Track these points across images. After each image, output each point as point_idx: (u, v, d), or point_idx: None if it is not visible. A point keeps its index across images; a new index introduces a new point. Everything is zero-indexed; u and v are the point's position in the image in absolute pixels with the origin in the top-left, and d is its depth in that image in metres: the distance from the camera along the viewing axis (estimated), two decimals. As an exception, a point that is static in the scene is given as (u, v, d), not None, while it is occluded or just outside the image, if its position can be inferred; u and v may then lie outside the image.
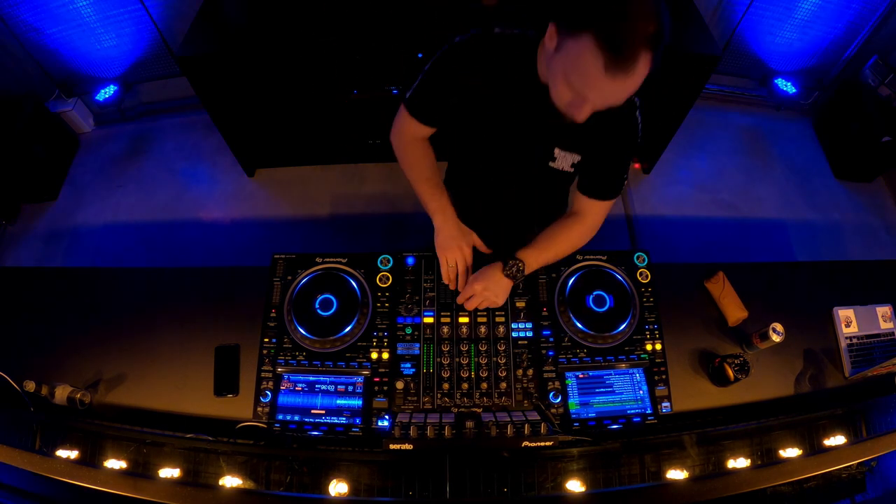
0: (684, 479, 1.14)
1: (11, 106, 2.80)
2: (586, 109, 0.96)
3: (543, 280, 1.41)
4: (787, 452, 1.25)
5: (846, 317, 1.55)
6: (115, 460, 1.19)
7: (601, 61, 0.84)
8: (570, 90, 0.94)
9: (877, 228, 3.02)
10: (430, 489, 1.14)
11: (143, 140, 3.25)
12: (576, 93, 0.93)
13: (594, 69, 0.85)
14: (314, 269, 1.40)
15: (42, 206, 3.00)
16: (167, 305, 1.53)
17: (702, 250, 2.81)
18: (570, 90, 0.94)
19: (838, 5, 2.84)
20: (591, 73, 0.87)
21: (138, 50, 3.02)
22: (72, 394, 1.31)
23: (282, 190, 3.03)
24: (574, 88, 0.93)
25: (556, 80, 0.96)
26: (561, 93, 0.96)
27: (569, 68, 0.91)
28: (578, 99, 0.94)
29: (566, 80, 0.93)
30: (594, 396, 1.28)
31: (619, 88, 0.89)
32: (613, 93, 0.90)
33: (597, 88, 0.90)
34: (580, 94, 0.93)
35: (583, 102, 0.94)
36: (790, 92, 3.12)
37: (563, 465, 1.22)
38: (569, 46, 0.89)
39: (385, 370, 1.29)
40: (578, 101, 0.95)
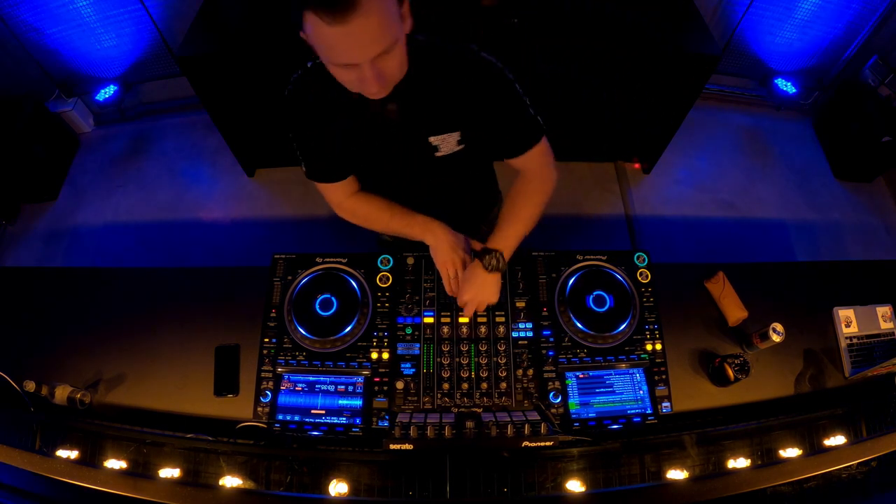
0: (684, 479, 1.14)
1: (11, 106, 2.80)
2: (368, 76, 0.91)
3: (543, 280, 1.41)
4: (787, 452, 1.25)
5: (846, 317, 1.55)
6: (115, 460, 1.19)
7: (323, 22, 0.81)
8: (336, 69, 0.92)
9: (877, 228, 3.02)
10: (430, 489, 1.14)
11: (143, 140, 3.25)
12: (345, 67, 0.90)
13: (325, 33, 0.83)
14: (314, 269, 1.40)
15: (42, 206, 3.01)
16: (167, 305, 1.53)
17: (702, 250, 2.81)
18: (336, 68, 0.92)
19: (838, 5, 2.84)
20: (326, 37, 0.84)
21: (138, 50, 3.02)
22: (72, 394, 1.31)
23: (282, 190, 3.03)
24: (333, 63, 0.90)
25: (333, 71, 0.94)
26: (341, 78, 0.94)
27: (320, 52, 0.89)
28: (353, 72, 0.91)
29: (333, 65, 0.91)
30: (594, 396, 1.28)
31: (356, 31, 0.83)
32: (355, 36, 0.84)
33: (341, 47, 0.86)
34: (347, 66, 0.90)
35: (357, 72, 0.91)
36: (790, 92, 3.13)
37: (563, 465, 1.22)
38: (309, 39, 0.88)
39: (385, 370, 1.29)
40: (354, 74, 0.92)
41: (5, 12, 2.63)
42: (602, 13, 2.39)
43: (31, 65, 2.88)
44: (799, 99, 3.24)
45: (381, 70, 0.92)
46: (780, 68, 3.19)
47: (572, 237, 2.85)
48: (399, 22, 0.89)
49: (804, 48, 3.08)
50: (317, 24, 0.83)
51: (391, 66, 0.93)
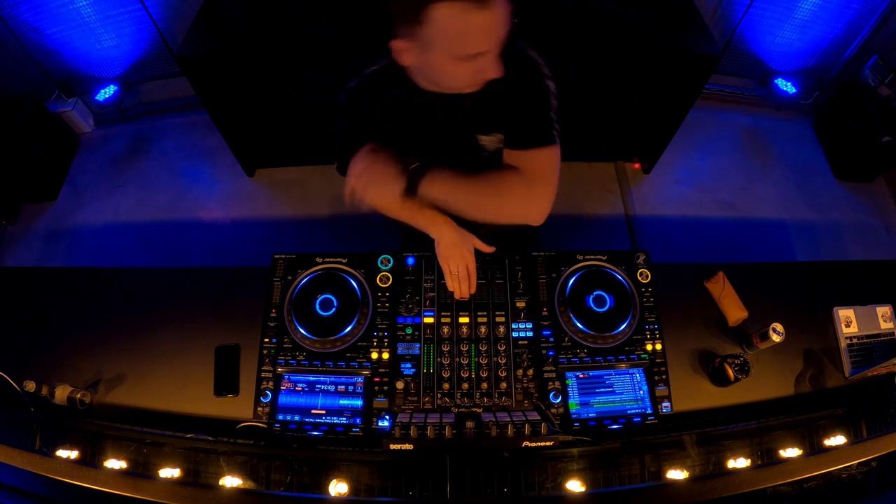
0: (684, 479, 1.14)
1: (11, 106, 2.80)
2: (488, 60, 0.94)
3: (543, 280, 1.41)
4: (787, 452, 1.25)
5: (846, 317, 1.55)
6: (115, 460, 1.19)
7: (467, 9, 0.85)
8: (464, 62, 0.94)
9: (877, 228, 3.02)
10: (430, 489, 1.14)
11: (143, 140, 3.25)
12: (467, 57, 0.93)
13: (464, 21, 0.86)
14: (314, 269, 1.40)
15: (42, 206, 3.01)
16: (167, 305, 1.53)
17: (702, 250, 2.81)
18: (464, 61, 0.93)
19: (838, 5, 2.84)
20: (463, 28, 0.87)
21: (138, 50, 3.02)
22: (72, 394, 1.31)
23: (282, 190, 3.03)
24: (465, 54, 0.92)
25: (448, 69, 0.96)
26: (462, 72, 0.96)
27: (446, 42, 0.90)
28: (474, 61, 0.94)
29: (453, 57, 0.93)
30: (594, 396, 1.28)
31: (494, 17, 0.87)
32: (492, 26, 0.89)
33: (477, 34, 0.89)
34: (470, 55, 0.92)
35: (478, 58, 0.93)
36: (790, 92, 3.12)
37: (563, 465, 1.22)
38: (430, 34, 0.89)
39: (385, 370, 1.29)
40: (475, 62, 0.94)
41: (5, 12, 2.63)
42: (602, 13, 2.39)
43: (31, 65, 2.88)
44: (799, 99, 3.24)
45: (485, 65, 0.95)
46: (780, 68, 3.19)
47: (572, 237, 2.85)
48: None
49: (804, 48, 3.08)
50: (453, 14, 0.85)
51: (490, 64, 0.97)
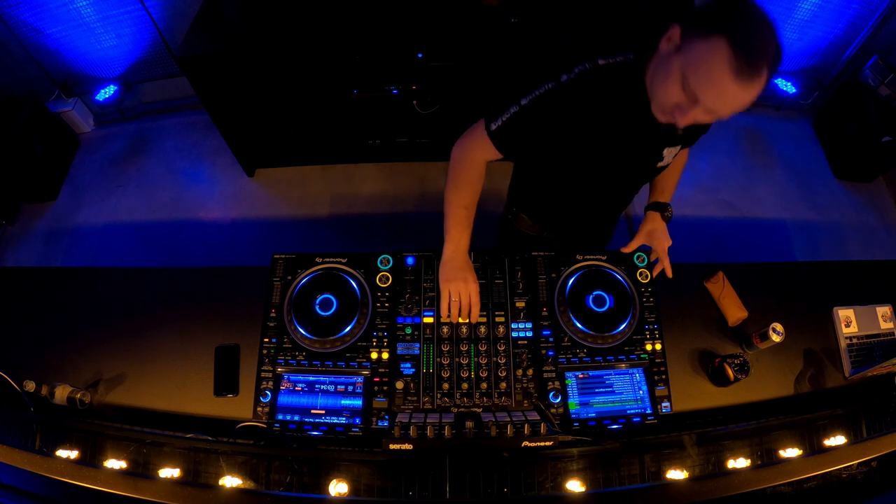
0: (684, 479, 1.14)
1: (11, 106, 2.80)
2: (693, 115, 0.96)
3: (543, 280, 1.41)
4: (787, 452, 1.25)
5: (846, 317, 1.55)
6: (115, 460, 1.19)
7: (732, 64, 0.85)
8: (683, 92, 0.94)
9: (877, 228, 3.02)
10: (430, 489, 1.14)
11: (143, 140, 3.25)
12: (690, 94, 0.93)
13: (722, 71, 0.86)
14: (314, 269, 1.40)
15: (42, 206, 3.00)
16: (167, 305, 1.53)
17: (702, 250, 2.81)
18: (684, 92, 0.94)
19: (838, 5, 2.84)
20: (717, 75, 0.87)
21: (138, 50, 3.01)
22: (72, 394, 1.31)
23: (282, 190, 3.03)
24: (689, 89, 0.92)
25: (669, 79, 0.96)
26: (671, 93, 0.96)
27: (691, 68, 0.91)
28: (689, 101, 0.94)
29: (683, 80, 0.93)
30: (594, 396, 1.28)
31: (739, 95, 0.89)
32: (732, 99, 0.90)
33: (718, 91, 0.90)
34: (694, 96, 0.93)
35: (692, 106, 0.94)
36: (790, 92, 3.12)
37: (563, 465, 1.21)
38: (696, 47, 0.89)
39: (385, 370, 1.29)
40: (689, 103, 0.95)
41: (5, 12, 2.63)
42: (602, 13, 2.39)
43: (31, 65, 2.88)
44: (799, 99, 3.24)
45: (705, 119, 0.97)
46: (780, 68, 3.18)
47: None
48: None
49: (804, 48, 3.08)
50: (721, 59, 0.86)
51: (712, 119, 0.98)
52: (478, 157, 1.26)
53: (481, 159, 1.26)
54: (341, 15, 2.38)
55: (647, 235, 1.43)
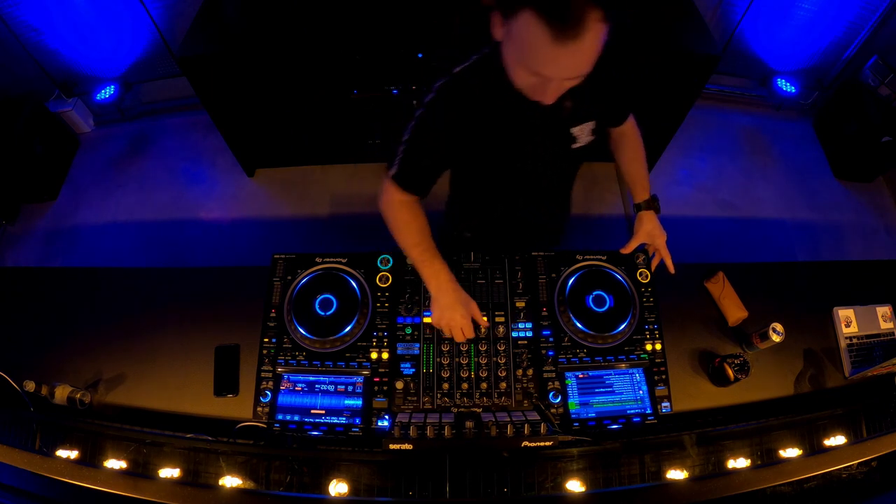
0: (684, 479, 1.14)
1: (11, 106, 2.80)
2: (552, 89, 0.93)
3: (543, 280, 1.41)
4: (787, 452, 1.25)
5: (846, 317, 1.55)
6: (115, 460, 1.19)
7: (546, 32, 0.80)
8: (528, 73, 0.91)
9: (877, 228, 3.02)
10: (430, 489, 1.14)
11: (143, 140, 3.25)
12: (534, 73, 0.90)
13: (542, 42, 0.82)
14: (314, 269, 1.40)
15: (42, 206, 3.00)
16: (167, 305, 1.53)
17: (702, 250, 2.81)
18: (529, 72, 0.91)
19: (838, 5, 2.84)
20: (539, 48, 0.83)
21: (138, 50, 3.01)
22: (72, 394, 1.31)
23: (282, 190, 3.03)
24: (531, 69, 0.89)
25: (513, 67, 0.94)
26: (522, 78, 0.94)
27: (519, 50, 0.88)
28: (539, 80, 0.91)
29: (522, 64, 0.90)
30: (594, 396, 1.28)
31: (574, 56, 0.84)
32: (569, 63, 0.86)
33: (550, 62, 0.86)
34: (538, 74, 0.90)
35: (545, 82, 0.91)
36: (790, 92, 3.12)
37: (562, 465, 1.21)
38: (513, 29, 0.86)
39: (385, 370, 1.29)
40: (540, 82, 0.92)
41: (5, 12, 2.63)
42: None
43: (31, 65, 2.87)
44: (799, 99, 3.24)
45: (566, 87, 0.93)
46: (780, 68, 3.19)
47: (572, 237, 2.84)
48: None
49: (804, 48, 3.08)
50: (535, 32, 0.82)
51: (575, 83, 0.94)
52: (397, 200, 1.25)
53: (402, 201, 1.25)
54: (341, 15, 2.38)
55: (645, 235, 1.42)
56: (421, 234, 1.25)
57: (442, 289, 1.23)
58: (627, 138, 1.42)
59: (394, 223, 1.26)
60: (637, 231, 1.43)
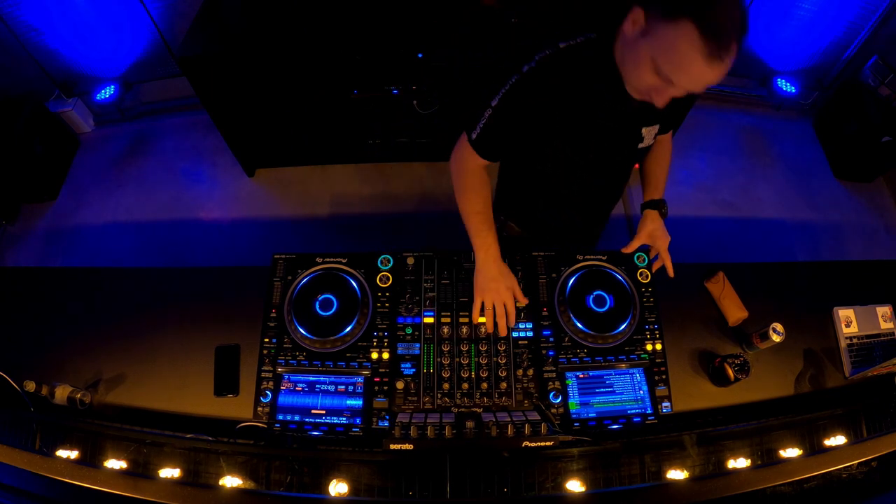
0: (684, 479, 1.14)
1: (11, 106, 2.80)
2: (669, 94, 0.96)
3: (543, 280, 1.41)
4: (787, 452, 1.25)
5: (846, 317, 1.55)
6: (115, 460, 1.19)
7: (701, 48, 0.84)
8: (656, 76, 0.93)
9: (877, 228, 3.02)
10: (430, 489, 1.14)
11: (143, 140, 3.25)
12: (663, 78, 0.93)
13: (692, 55, 0.86)
14: (314, 269, 1.40)
15: (42, 206, 3.00)
16: (167, 305, 1.53)
17: (702, 250, 2.81)
18: (657, 76, 0.93)
19: (838, 5, 2.84)
20: (688, 60, 0.87)
21: (138, 50, 3.02)
22: (72, 394, 1.31)
23: (282, 190, 3.03)
24: (662, 73, 0.92)
25: (639, 64, 0.95)
26: (644, 78, 0.96)
27: (661, 54, 0.90)
28: (664, 84, 0.94)
29: (654, 66, 0.92)
30: (594, 396, 1.28)
31: (712, 75, 0.89)
32: (704, 79, 0.90)
33: (690, 74, 0.89)
34: (668, 79, 0.92)
35: (667, 87, 0.94)
36: (790, 92, 3.12)
37: (563, 465, 1.21)
38: (662, 32, 0.89)
39: (385, 370, 1.29)
40: (663, 86, 0.94)
41: (5, 12, 2.63)
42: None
43: (31, 65, 2.87)
44: (799, 99, 3.24)
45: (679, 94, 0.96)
46: (780, 68, 3.19)
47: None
48: None
49: (804, 48, 3.08)
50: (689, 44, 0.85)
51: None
52: (472, 165, 1.26)
53: (476, 166, 1.26)
54: (341, 15, 2.38)
55: (647, 235, 1.42)
56: (485, 202, 1.28)
57: (489, 260, 1.26)
58: (663, 145, 1.44)
59: (462, 186, 1.28)
60: (640, 230, 1.43)
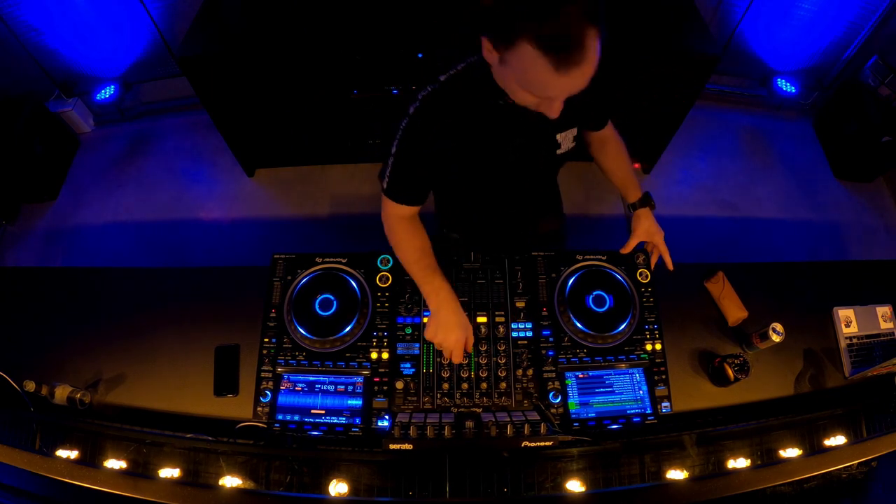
0: (684, 479, 1.14)
1: (11, 106, 2.80)
2: (556, 105, 0.94)
3: (543, 280, 1.41)
4: (787, 452, 1.25)
5: (846, 317, 1.55)
6: (115, 460, 1.19)
7: (548, 63, 0.81)
8: (530, 95, 0.92)
9: (877, 228, 3.02)
10: (430, 489, 1.14)
11: (143, 140, 3.25)
12: (536, 95, 0.91)
13: (544, 72, 0.82)
14: (314, 269, 1.40)
15: (42, 206, 3.00)
16: (167, 305, 1.53)
17: (702, 250, 2.81)
18: (531, 95, 0.92)
19: (838, 5, 2.84)
20: (543, 77, 0.84)
21: (138, 50, 3.01)
22: (72, 394, 1.31)
23: (282, 190, 3.03)
24: (533, 94, 0.91)
25: (513, 88, 0.94)
26: (523, 99, 0.95)
27: (519, 76, 0.89)
28: (543, 100, 0.93)
29: (523, 88, 0.91)
30: (594, 396, 1.28)
31: (578, 78, 0.85)
32: (573, 84, 0.86)
33: (554, 87, 0.87)
34: (542, 96, 0.91)
35: (549, 101, 0.93)
36: (790, 92, 3.12)
37: (562, 465, 1.22)
38: (511, 58, 0.86)
39: (385, 370, 1.29)
40: (544, 101, 0.93)
41: (5, 12, 2.63)
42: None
43: (31, 65, 2.87)
44: (799, 99, 3.23)
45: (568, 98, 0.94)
46: (780, 68, 3.19)
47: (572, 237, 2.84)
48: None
49: (804, 48, 3.08)
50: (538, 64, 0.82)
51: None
52: (395, 216, 1.25)
53: (400, 216, 1.25)
54: (341, 15, 2.38)
55: (644, 232, 1.42)
56: (420, 250, 1.24)
57: (442, 306, 1.20)
58: (609, 142, 1.43)
59: (392, 239, 1.26)
60: (634, 230, 1.42)
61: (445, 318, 1.19)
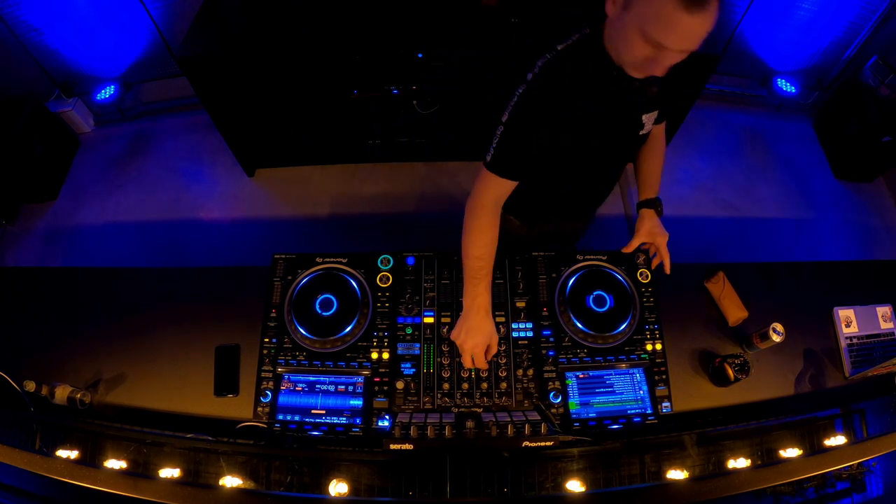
0: (684, 479, 1.14)
1: (11, 106, 2.79)
2: (666, 60, 0.95)
3: (543, 280, 1.41)
4: (787, 452, 1.25)
5: (846, 317, 1.55)
6: (115, 460, 1.19)
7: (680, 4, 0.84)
8: (647, 44, 0.93)
9: (877, 228, 3.02)
10: (430, 489, 1.14)
11: (143, 140, 3.25)
12: (654, 44, 0.92)
13: (673, 10, 0.86)
14: (314, 269, 1.40)
15: (42, 206, 3.00)
16: (167, 305, 1.53)
17: (702, 250, 2.81)
18: (648, 43, 0.93)
19: (838, 5, 2.84)
20: (669, 15, 0.87)
21: (138, 50, 3.01)
22: (72, 394, 1.31)
23: (282, 190, 3.03)
24: (652, 40, 0.92)
25: (630, 38, 0.95)
26: (638, 50, 0.96)
27: (645, 21, 0.90)
28: (657, 50, 0.94)
29: (642, 35, 0.92)
30: (594, 396, 1.28)
31: (698, 27, 0.87)
32: (693, 33, 0.89)
33: (677, 31, 0.89)
34: (658, 44, 0.92)
35: (661, 53, 0.94)
36: (790, 92, 3.12)
37: (563, 465, 1.22)
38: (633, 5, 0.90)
39: (385, 370, 1.29)
40: (657, 52, 0.94)
41: (5, 12, 2.63)
42: (602, 13, 2.38)
43: (31, 65, 2.87)
44: (799, 99, 3.24)
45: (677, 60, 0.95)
46: (780, 68, 3.19)
47: (572, 237, 2.85)
48: None
49: (804, 48, 3.08)
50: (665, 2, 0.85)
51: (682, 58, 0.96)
52: (486, 200, 1.22)
53: (490, 201, 1.22)
54: (341, 15, 2.38)
55: (647, 233, 1.42)
56: (487, 246, 1.23)
57: (475, 309, 1.21)
58: (656, 138, 1.43)
59: (469, 226, 1.23)
60: (638, 229, 1.42)
61: (473, 322, 1.21)
